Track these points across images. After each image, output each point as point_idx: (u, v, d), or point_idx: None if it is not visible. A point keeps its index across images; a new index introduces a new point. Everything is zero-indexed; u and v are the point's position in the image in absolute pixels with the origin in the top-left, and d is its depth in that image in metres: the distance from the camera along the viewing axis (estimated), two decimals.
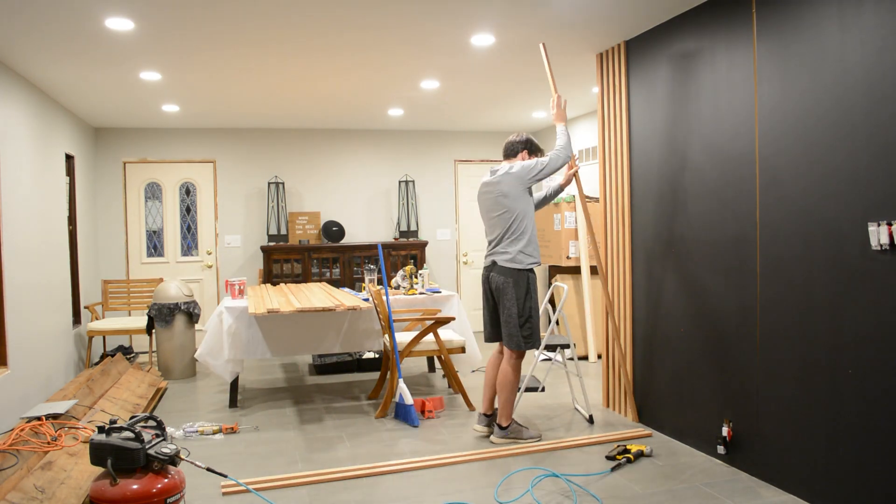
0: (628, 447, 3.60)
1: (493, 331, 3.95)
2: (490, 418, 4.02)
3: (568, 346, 4.32)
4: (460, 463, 3.59)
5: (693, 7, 3.60)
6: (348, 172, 7.70)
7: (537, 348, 3.94)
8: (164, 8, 3.46)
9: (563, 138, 3.82)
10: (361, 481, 3.37)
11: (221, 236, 7.37)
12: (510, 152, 3.98)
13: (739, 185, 3.32)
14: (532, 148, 3.97)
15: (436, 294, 5.28)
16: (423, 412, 4.43)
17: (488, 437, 3.98)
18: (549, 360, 5.61)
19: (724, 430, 3.41)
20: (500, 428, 3.88)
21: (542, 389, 4.31)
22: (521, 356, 3.84)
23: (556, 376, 5.49)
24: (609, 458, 3.55)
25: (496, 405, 4.01)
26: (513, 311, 3.75)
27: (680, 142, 3.76)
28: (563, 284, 4.45)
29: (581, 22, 3.85)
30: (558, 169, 3.78)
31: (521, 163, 3.83)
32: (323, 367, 5.89)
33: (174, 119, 6.70)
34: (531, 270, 3.80)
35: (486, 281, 3.90)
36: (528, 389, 4.22)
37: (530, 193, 3.87)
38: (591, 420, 4.24)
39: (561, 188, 4.22)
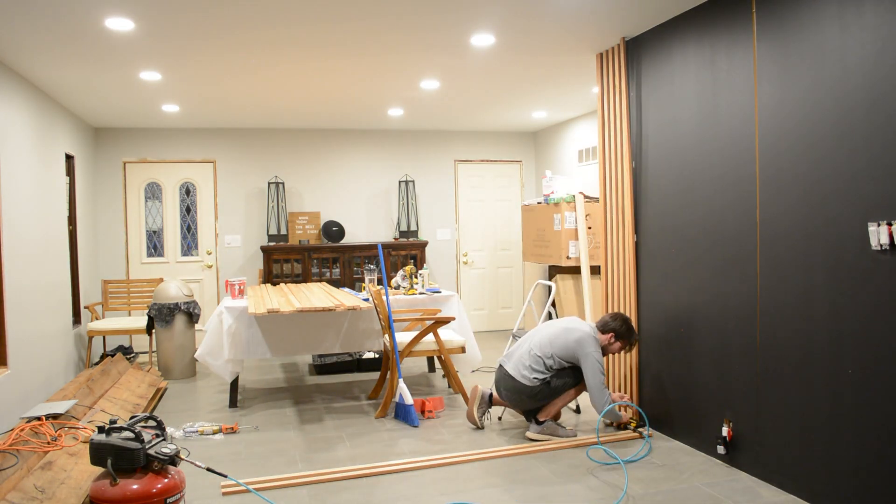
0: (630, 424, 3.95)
1: None
2: (541, 425, 4.02)
3: None
4: (461, 463, 3.59)
5: (694, 7, 3.60)
6: (348, 172, 7.70)
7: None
8: (164, 8, 3.46)
9: (608, 404, 3.80)
10: (361, 481, 3.37)
11: (221, 236, 7.37)
12: (603, 329, 3.92)
13: (739, 184, 3.32)
14: (624, 335, 3.90)
15: (436, 294, 5.28)
16: (423, 412, 4.44)
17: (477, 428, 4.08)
18: None
19: (724, 430, 3.41)
20: (537, 422, 3.93)
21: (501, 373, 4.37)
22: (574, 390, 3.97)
23: None
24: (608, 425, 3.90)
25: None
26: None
27: (681, 141, 3.76)
28: (548, 282, 4.52)
29: (582, 22, 3.85)
30: (589, 384, 3.80)
31: (591, 367, 3.79)
32: (323, 367, 5.89)
33: (174, 119, 6.70)
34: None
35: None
36: None
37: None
38: (577, 410, 4.45)
39: None
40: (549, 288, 4.51)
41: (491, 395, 4.16)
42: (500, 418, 4.39)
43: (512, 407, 4.08)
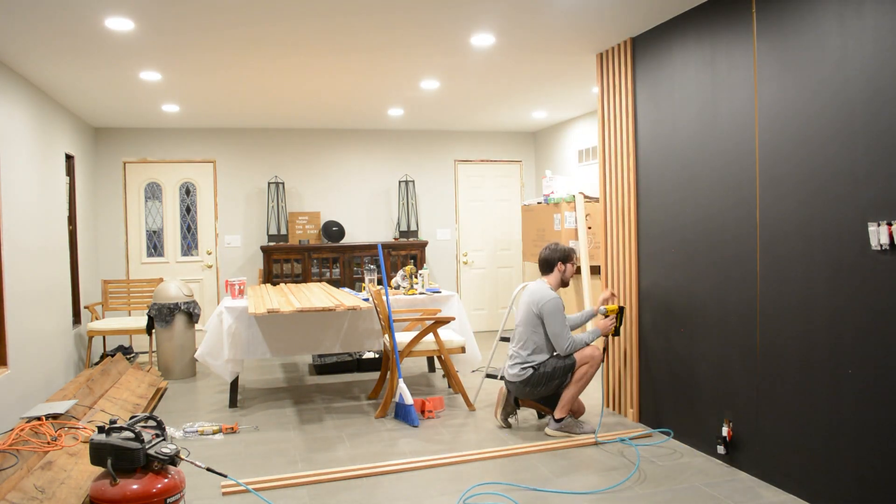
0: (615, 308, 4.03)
1: None
2: (560, 423, 4.04)
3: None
4: (461, 463, 3.59)
5: (694, 7, 3.60)
6: (348, 172, 7.70)
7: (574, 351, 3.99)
8: (164, 8, 3.46)
9: (584, 337, 3.95)
10: (361, 481, 3.37)
11: (221, 236, 7.37)
12: (547, 267, 4.08)
13: (739, 184, 3.32)
14: (567, 257, 4.08)
15: (436, 294, 5.28)
16: (423, 412, 4.43)
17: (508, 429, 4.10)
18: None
19: (724, 430, 3.41)
20: (555, 420, 3.96)
21: (502, 377, 4.34)
22: (583, 361, 3.95)
23: None
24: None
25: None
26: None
27: (681, 142, 3.76)
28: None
29: (583, 22, 3.85)
30: (557, 345, 3.92)
31: (556, 303, 3.91)
32: (323, 367, 5.89)
33: (174, 119, 6.70)
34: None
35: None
36: (489, 376, 4.44)
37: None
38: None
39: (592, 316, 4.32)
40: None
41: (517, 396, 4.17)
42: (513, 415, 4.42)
43: (535, 402, 4.13)
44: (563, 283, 4.10)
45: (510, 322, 8.20)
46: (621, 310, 4.06)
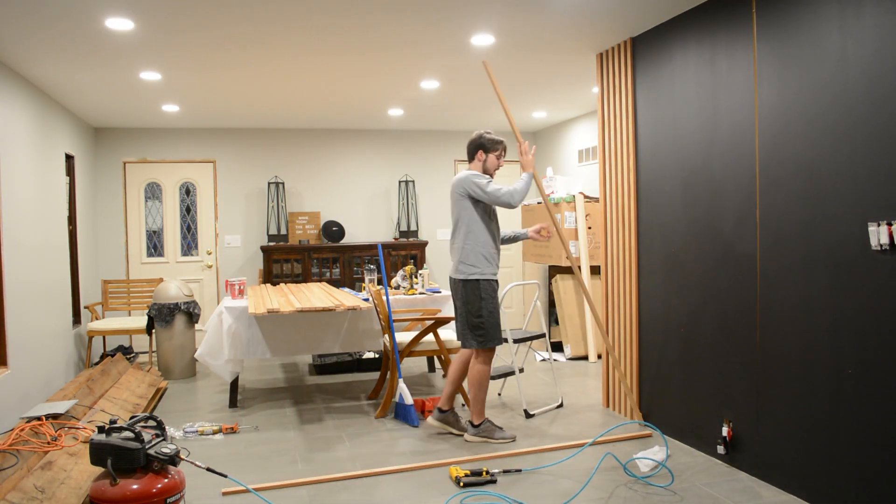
0: None
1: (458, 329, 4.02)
2: (444, 414, 4.03)
3: (542, 336, 4.56)
4: (460, 463, 3.58)
5: (694, 7, 3.60)
6: (348, 172, 7.70)
7: (495, 346, 3.88)
8: (164, 8, 3.46)
9: (521, 184, 3.79)
10: (361, 481, 3.37)
11: (221, 236, 7.37)
12: (468, 154, 3.98)
13: (739, 184, 3.32)
14: (485, 146, 3.91)
15: (436, 294, 5.28)
16: (423, 412, 4.43)
17: (440, 433, 4.06)
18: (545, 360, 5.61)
19: (724, 430, 3.41)
20: (472, 426, 3.90)
21: (521, 370, 4.34)
22: (486, 355, 3.86)
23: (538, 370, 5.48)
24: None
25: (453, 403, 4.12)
26: (463, 314, 3.86)
27: (681, 141, 3.76)
28: (535, 281, 4.56)
29: (583, 22, 3.85)
30: (500, 206, 3.78)
31: (470, 175, 3.80)
32: (323, 367, 5.89)
33: (174, 119, 6.70)
34: (477, 281, 3.81)
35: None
36: (504, 374, 4.40)
37: (474, 204, 3.83)
38: (561, 405, 4.43)
39: (521, 238, 4.25)
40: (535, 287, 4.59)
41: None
42: (499, 394, 4.49)
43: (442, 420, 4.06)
44: (486, 173, 3.91)
45: (510, 322, 8.19)
46: None
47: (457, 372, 4.02)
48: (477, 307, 3.79)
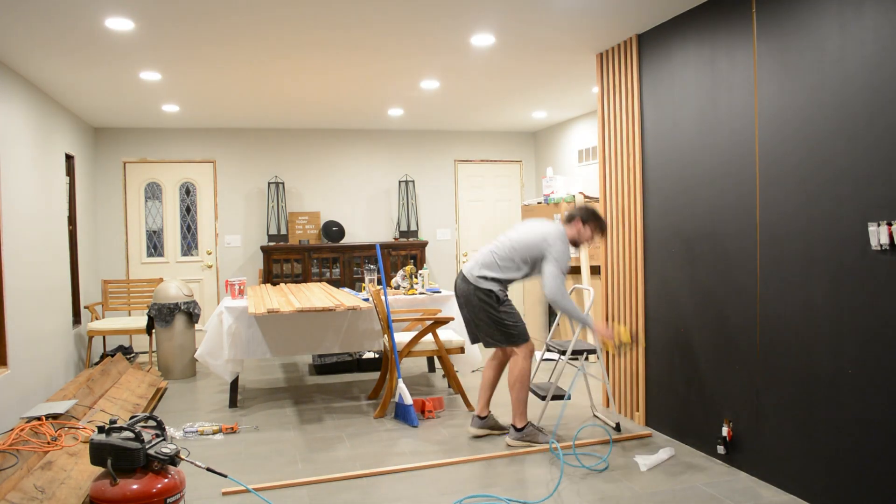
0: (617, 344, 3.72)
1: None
2: (484, 420, 4.01)
3: (594, 352, 4.13)
4: (460, 463, 3.59)
5: (694, 7, 3.60)
6: (348, 172, 7.70)
7: (529, 339, 3.85)
8: (164, 8, 3.46)
9: (571, 304, 3.70)
10: (361, 481, 3.37)
11: (221, 236, 7.37)
12: (568, 218, 3.88)
13: (739, 184, 3.32)
14: (592, 223, 3.84)
15: (436, 294, 5.28)
16: (422, 412, 4.44)
17: (482, 437, 3.98)
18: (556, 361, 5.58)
19: (724, 430, 3.41)
20: (516, 429, 3.84)
21: (569, 398, 4.06)
22: (527, 349, 3.79)
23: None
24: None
25: (490, 409, 4.04)
26: (486, 322, 3.82)
27: (681, 141, 3.76)
28: (589, 287, 4.36)
29: (582, 22, 3.85)
30: (542, 273, 3.71)
31: (561, 236, 3.74)
32: (323, 367, 5.89)
33: (174, 119, 6.70)
34: (492, 291, 3.79)
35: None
36: (554, 397, 4.02)
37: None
38: (617, 428, 4.06)
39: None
40: (589, 293, 4.32)
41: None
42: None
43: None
44: (573, 243, 3.84)
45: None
46: (623, 345, 3.75)
47: (493, 378, 4.00)
48: (497, 310, 3.76)
